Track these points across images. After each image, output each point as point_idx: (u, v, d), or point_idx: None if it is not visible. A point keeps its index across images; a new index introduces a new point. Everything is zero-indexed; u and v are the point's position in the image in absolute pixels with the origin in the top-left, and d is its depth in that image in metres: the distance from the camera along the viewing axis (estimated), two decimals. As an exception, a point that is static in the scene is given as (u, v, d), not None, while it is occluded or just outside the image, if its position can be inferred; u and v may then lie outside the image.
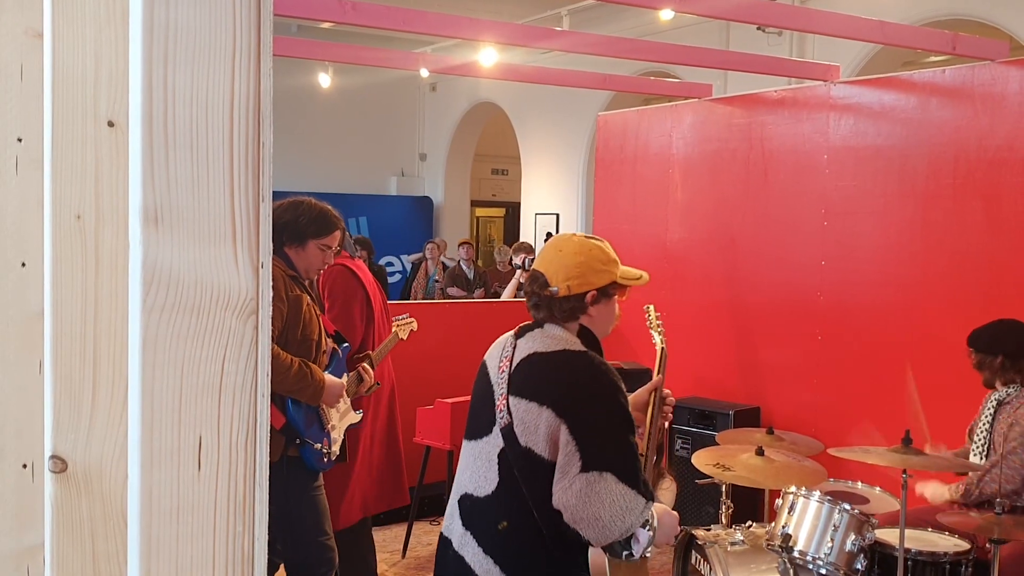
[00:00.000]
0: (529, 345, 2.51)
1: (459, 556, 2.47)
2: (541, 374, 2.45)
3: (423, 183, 16.28)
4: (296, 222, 3.67)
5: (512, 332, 2.62)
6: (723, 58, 7.46)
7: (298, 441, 3.61)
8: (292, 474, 3.59)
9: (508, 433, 2.41)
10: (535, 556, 2.41)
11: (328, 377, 3.70)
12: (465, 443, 2.60)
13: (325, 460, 3.73)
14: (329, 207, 3.82)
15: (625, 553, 2.35)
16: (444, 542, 2.57)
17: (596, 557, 2.41)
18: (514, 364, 2.49)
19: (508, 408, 2.42)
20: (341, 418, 3.90)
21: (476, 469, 2.50)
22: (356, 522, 4.47)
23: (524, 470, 2.39)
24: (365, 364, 4.15)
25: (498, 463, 2.43)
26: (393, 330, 4.66)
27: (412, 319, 4.81)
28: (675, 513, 2.53)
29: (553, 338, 2.50)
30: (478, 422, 2.54)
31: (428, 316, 4.98)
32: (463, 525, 2.49)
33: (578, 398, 2.40)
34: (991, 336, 4.10)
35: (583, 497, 2.28)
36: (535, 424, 2.37)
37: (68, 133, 1.01)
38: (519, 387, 2.43)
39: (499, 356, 2.56)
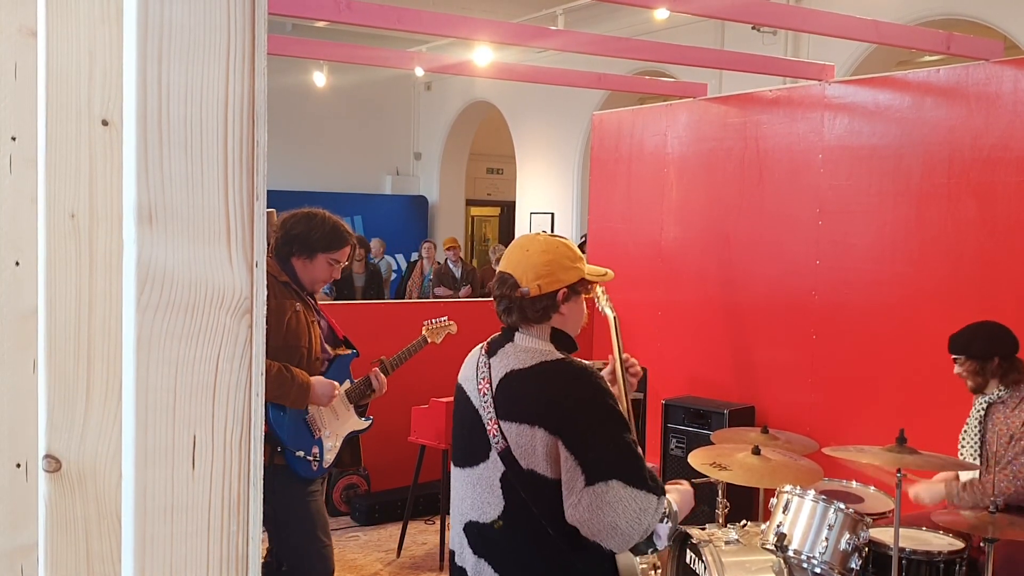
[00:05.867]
0: (504, 363, 2.45)
1: None
2: (525, 393, 2.39)
3: (418, 182, 16.28)
4: (308, 235, 3.67)
5: (481, 348, 2.56)
6: (718, 57, 7.47)
7: (279, 449, 3.56)
8: (280, 482, 3.50)
9: (507, 456, 2.36)
10: (554, 572, 2.38)
11: (316, 378, 3.65)
12: (456, 470, 2.54)
13: (315, 468, 3.67)
14: (342, 222, 3.81)
15: (651, 550, 2.37)
16: (458, 570, 2.50)
17: (625, 558, 2.42)
18: (494, 385, 2.43)
19: (501, 432, 2.37)
20: (341, 424, 3.85)
21: (477, 496, 2.44)
22: None
23: (531, 491, 2.34)
24: (376, 370, 4.08)
25: (501, 488, 2.38)
26: (423, 334, 4.62)
27: (452, 323, 4.74)
28: (686, 485, 2.55)
29: (526, 351, 2.45)
30: (470, 448, 2.48)
31: (421, 316, 4.96)
32: (475, 554, 2.44)
33: (566, 409, 2.34)
34: (984, 340, 4.11)
35: (595, 510, 2.24)
36: (531, 446, 2.33)
37: (62, 132, 1.00)
38: (506, 410, 2.39)
39: (475, 378, 2.50)
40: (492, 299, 2.55)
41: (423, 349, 4.63)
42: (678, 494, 2.47)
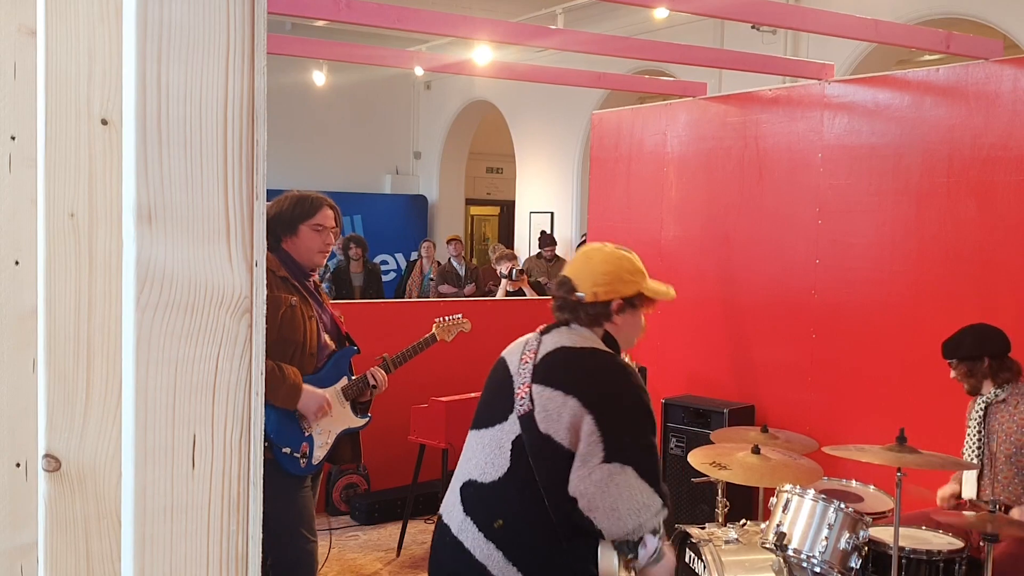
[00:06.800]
0: (556, 340, 2.56)
1: (457, 541, 2.49)
2: (569, 366, 2.50)
3: (417, 181, 16.28)
4: (281, 213, 3.72)
5: (537, 330, 2.66)
6: (717, 56, 7.46)
7: (266, 443, 3.52)
8: (266, 476, 3.49)
9: (528, 420, 2.44)
10: (539, 542, 2.42)
11: (308, 387, 3.62)
12: (472, 433, 2.62)
13: (303, 464, 3.66)
14: (311, 191, 3.85)
15: (631, 556, 2.39)
16: (443, 528, 2.57)
17: (606, 559, 2.42)
18: (539, 356, 2.53)
19: (531, 395, 2.46)
20: (335, 422, 3.81)
21: (484, 456, 2.52)
22: None
23: (540, 456, 2.41)
24: (376, 367, 4.05)
25: (511, 449, 2.46)
26: (432, 331, 4.61)
27: (466, 320, 4.67)
28: (674, 559, 2.59)
29: (581, 336, 2.57)
30: (491, 411, 2.57)
31: (421, 315, 4.95)
32: (464, 511, 2.51)
33: (605, 393, 2.45)
34: (972, 342, 4.12)
35: (602, 486, 2.32)
36: (558, 412, 2.41)
37: (61, 131, 1.00)
38: (544, 376, 2.48)
39: (521, 351, 2.61)
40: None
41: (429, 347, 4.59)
42: (669, 551, 2.52)
